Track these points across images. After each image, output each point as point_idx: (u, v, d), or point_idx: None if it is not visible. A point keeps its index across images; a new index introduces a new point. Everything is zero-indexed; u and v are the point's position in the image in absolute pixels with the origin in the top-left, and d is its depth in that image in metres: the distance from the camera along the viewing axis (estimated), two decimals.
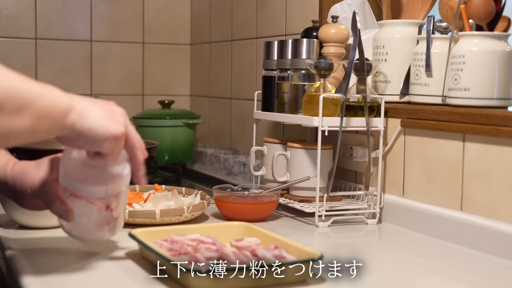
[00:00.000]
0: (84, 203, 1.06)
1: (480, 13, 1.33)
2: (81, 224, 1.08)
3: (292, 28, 1.93)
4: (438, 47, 1.41)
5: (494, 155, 1.25)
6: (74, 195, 1.05)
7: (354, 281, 1.06)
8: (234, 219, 1.38)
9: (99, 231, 1.09)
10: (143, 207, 1.43)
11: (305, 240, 1.34)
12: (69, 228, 1.10)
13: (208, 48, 2.51)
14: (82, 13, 2.49)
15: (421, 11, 1.53)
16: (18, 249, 1.18)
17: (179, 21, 2.65)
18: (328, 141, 1.49)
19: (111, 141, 0.98)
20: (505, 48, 1.31)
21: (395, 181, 1.49)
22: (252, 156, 1.66)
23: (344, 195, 1.58)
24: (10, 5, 2.40)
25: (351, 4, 1.66)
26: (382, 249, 1.36)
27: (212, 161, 2.36)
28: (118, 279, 1.05)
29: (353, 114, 1.48)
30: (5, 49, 2.40)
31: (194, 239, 1.13)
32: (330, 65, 1.47)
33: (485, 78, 1.31)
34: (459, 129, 1.31)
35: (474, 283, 1.08)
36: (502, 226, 1.21)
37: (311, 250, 1.04)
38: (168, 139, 2.30)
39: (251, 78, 2.17)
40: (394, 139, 1.49)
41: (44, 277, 1.04)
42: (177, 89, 2.67)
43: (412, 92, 1.46)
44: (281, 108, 1.62)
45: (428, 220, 1.38)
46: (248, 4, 2.20)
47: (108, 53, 2.55)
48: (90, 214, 1.07)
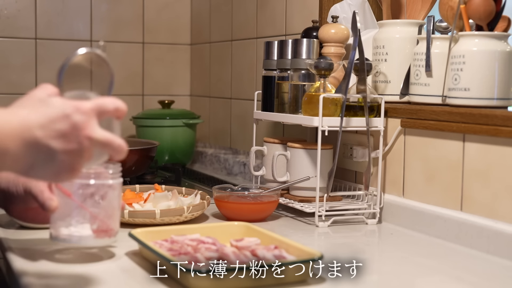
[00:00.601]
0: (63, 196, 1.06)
1: (480, 13, 1.33)
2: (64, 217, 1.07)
3: (292, 28, 1.93)
4: (438, 47, 1.41)
5: (494, 155, 1.25)
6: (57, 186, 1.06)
7: (354, 281, 1.06)
8: (234, 219, 1.38)
9: (83, 229, 1.07)
10: (143, 207, 1.43)
11: (305, 240, 1.34)
12: (55, 233, 1.09)
13: (208, 48, 2.51)
14: (82, 13, 2.49)
15: (421, 11, 1.53)
16: (18, 249, 1.18)
17: (179, 21, 2.65)
18: (328, 141, 1.49)
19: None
20: (505, 48, 1.31)
21: (395, 181, 1.49)
22: (252, 156, 1.66)
23: (344, 195, 1.58)
24: (10, 5, 2.40)
25: (351, 4, 1.66)
26: (382, 249, 1.36)
27: (212, 161, 2.36)
28: (118, 279, 1.05)
29: (353, 114, 1.48)
30: (5, 49, 2.40)
31: (194, 239, 1.13)
32: (330, 65, 1.47)
33: (485, 78, 1.31)
34: (459, 129, 1.31)
35: (474, 283, 1.08)
36: (502, 226, 1.21)
37: (311, 250, 1.04)
38: (168, 139, 2.30)
39: (251, 78, 2.17)
40: (394, 139, 1.49)
41: (44, 277, 1.04)
42: (177, 89, 2.67)
43: (412, 92, 1.46)
44: (281, 108, 1.62)
45: (428, 220, 1.38)
46: (248, 4, 2.20)
47: (108, 53, 2.54)
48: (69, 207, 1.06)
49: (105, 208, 1.07)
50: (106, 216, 1.08)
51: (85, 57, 0.92)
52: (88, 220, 1.07)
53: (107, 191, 1.07)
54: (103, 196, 1.07)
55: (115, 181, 1.08)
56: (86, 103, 0.88)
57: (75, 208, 1.06)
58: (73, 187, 1.05)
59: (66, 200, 1.06)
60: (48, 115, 0.85)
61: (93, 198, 1.06)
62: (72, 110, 0.86)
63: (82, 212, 1.06)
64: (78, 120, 0.86)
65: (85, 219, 1.07)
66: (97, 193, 1.06)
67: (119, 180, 1.09)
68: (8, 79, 2.40)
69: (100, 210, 1.07)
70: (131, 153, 1.83)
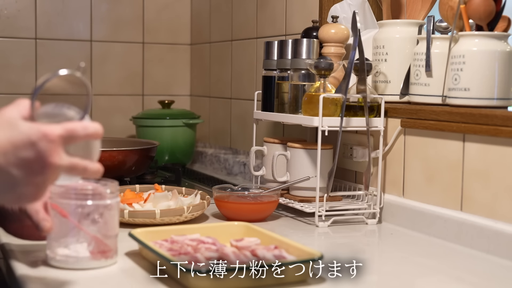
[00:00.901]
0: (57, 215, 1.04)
1: (480, 13, 1.33)
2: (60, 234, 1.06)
3: (292, 28, 1.93)
4: (438, 47, 1.41)
5: (494, 155, 1.25)
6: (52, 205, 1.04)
7: (354, 281, 1.06)
8: (234, 219, 1.38)
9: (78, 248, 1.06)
10: (143, 207, 1.43)
11: (305, 240, 1.34)
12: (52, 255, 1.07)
13: (208, 48, 2.51)
14: (82, 13, 2.49)
15: (421, 11, 1.52)
16: (18, 249, 1.18)
17: (179, 21, 2.65)
18: (328, 141, 1.49)
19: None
20: (505, 48, 1.31)
21: (395, 181, 1.49)
22: (252, 156, 1.66)
23: (344, 195, 1.58)
24: (10, 5, 2.40)
25: (351, 4, 1.66)
26: (382, 249, 1.36)
27: (212, 161, 2.36)
28: (118, 279, 1.05)
29: (353, 114, 1.48)
30: (5, 49, 2.40)
31: (194, 239, 1.13)
32: (330, 65, 1.47)
33: (485, 78, 1.31)
34: (459, 129, 1.31)
35: (474, 283, 1.08)
36: (502, 226, 1.21)
37: (311, 250, 1.04)
38: (168, 139, 2.30)
39: (251, 78, 2.17)
40: (394, 139, 1.49)
41: (44, 277, 1.04)
42: (177, 89, 2.67)
43: (412, 92, 1.46)
44: (281, 108, 1.63)
45: (428, 220, 1.38)
46: (248, 4, 2.20)
47: (108, 53, 2.55)
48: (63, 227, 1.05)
49: (103, 228, 1.06)
50: (103, 236, 1.06)
51: (65, 78, 0.90)
52: (85, 241, 1.05)
53: (104, 211, 1.05)
54: (101, 216, 1.05)
55: (112, 200, 1.06)
56: (55, 129, 0.84)
57: (72, 229, 1.04)
58: (70, 208, 1.04)
59: (62, 220, 1.04)
60: (12, 141, 0.83)
61: (90, 218, 1.04)
62: (39, 137, 0.83)
63: (79, 233, 1.05)
64: (44, 148, 0.83)
65: (82, 239, 1.05)
66: (94, 213, 1.05)
67: (116, 199, 1.08)
68: (8, 79, 2.40)
69: (97, 230, 1.05)
70: (131, 153, 1.86)
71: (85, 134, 0.87)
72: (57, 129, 0.85)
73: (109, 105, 2.53)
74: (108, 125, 2.30)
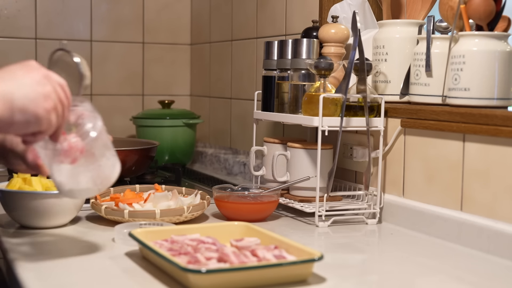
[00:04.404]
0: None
1: (480, 13, 1.33)
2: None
3: (292, 28, 1.93)
4: (438, 47, 1.41)
5: (494, 155, 1.25)
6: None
7: (354, 281, 1.06)
8: (234, 219, 1.38)
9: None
10: (143, 207, 1.43)
11: (305, 240, 1.34)
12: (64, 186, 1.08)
13: (208, 48, 2.51)
14: (82, 13, 2.49)
15: (421, 11, 1.53)
16: (18, 249, 1.18)
17: (179, 21, 2.65)
18: (328, 141, 1.49)
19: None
20: (505, 48, 1.31)
21: (395, 181, 1.49)
22: (252, 156, 1.66)
23: (344, 195, 1.58)
24: (10, 5, 2.40)
25: (351, 4, 1.66)
26: (382, 249, 1.36)
27: (212, 161, 2.36)
28: (118, 279, 1.05)
29: (353, 114, 1.48)
30: (5, 49, 2.40)
31: (194, 239, 1.13)
32: (330, 65, 1.47)
33: (485, 78, 1.31)
34: (459, 129, 1.31)
35: (474, 283, 1.08)
36: (502, 226, 1.22)
37: (311, 250, 1.04)
38: (168, 139, 2.30)
39: (251, 78, 2.17)
40: (394, 139, 1.49)
41: (44, 277, 1.04)
42: (177, 89, 2.67)
43: (412, 92, 1.46)
44: (281, 108, 1.63)
45: (428, 220, 1.38)
46: (248, 4, 2.20)
47: (108, 53, 2.55)
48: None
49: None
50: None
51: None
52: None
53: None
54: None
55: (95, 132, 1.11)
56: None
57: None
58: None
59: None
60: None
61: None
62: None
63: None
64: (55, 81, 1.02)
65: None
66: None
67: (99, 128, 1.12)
68: None
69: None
70: (131, 153, 1.86)
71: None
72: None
73: (109, 105, 2.53)
74: (108, 125, 2.28)
